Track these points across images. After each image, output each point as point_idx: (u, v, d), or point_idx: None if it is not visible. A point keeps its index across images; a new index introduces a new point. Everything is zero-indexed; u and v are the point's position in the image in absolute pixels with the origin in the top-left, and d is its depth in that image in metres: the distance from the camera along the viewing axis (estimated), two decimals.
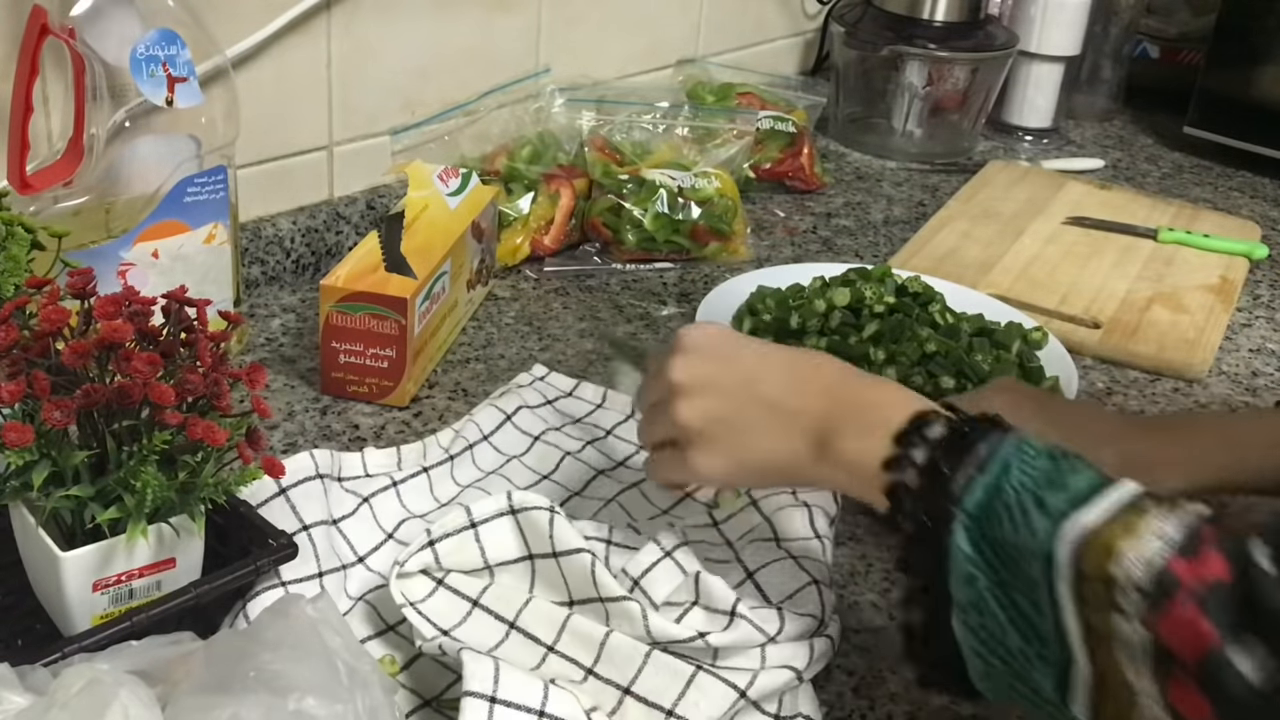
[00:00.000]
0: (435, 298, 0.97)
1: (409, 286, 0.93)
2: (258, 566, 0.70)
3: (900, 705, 0.73)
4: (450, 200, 1.05)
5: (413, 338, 0.93)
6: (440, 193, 1.05)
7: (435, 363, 1.01)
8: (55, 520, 0.65)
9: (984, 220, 1.37)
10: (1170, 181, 1.57)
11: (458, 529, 0.72)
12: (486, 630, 0.70)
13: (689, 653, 0.68)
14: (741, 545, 0.78)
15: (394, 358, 0.93)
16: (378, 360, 0.93)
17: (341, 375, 0.94)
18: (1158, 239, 1.34)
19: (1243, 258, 1.33)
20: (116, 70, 0.86)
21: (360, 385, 0.94)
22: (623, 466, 0.89)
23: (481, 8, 1.23)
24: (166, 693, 0.56)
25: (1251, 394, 1.09)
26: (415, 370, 0.95)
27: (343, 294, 0.92)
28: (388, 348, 0.93)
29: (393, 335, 0.92)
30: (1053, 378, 1.02)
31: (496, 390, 0.96)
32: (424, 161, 1.08)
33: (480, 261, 1.09)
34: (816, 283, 1.10)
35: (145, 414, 0.65)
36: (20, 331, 0.65)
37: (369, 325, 0.92)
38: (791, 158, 1.41)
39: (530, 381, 0.97)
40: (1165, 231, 1.35)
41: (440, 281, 0.98)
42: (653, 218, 1.19)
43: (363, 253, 0.96)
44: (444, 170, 1.07)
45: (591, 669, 0.67)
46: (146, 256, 0.90)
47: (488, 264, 1.11)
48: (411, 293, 0.92)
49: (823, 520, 0.79)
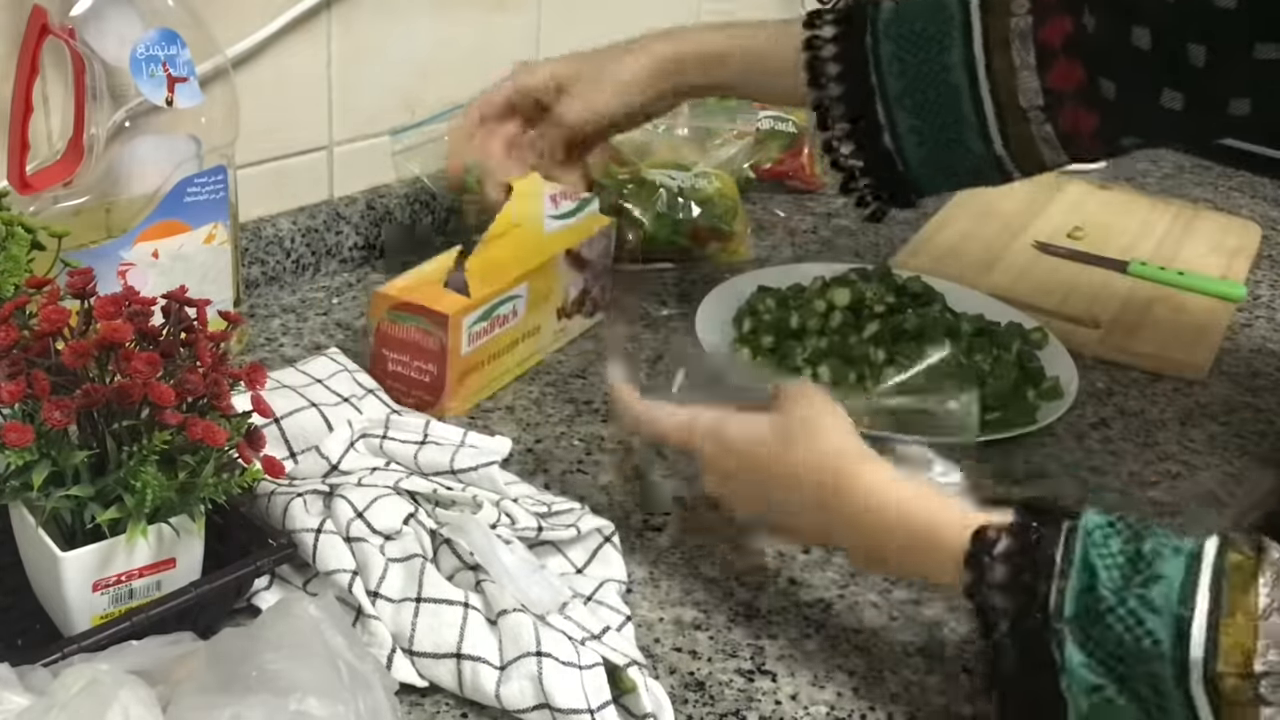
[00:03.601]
0: (500, 320, 0.96)
1: (458, 304, 0.92)
2: (258, 566, 0.70)
3: (900, 705, 0.73)
4: (551, 223, 1.03)
5: (457, 357, 0.92)
6: (542, 213, 1.03)
7: (501, 385, 0.99)
8: (55, 520, 0.65)
9: (984, 220, 1.37)
10: (1170, 181, 1.57)
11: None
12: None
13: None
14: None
15: (435, 373, 0.92)
16: (421, 374, 0.93)
17: (389, 383, 0.93)
18: (1127, 271, 1.26)
19: (1218, 300, 1.23)
20: (116, 70, 0.86)
21: (407, 395, 0.93)
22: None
23: (481, 8, 1.23)
24: (167, 693, 0.56)
25: (1252, 394, 1.09)
26: (463, 389, 0.94)
27: (393, 303, 0.92)
28: (430, 363, 0.92)
29: (435, 351, 0.91)
30: (1053, 378, 1.02)
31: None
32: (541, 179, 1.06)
33: (583, 292, 1.06)
34: (816, 283, 1.10)
35: (145, 414, 0.65)
36: (20, 331, 0.65)
37: (414, 338, 0.92)
38: (792, 158, 1.41)
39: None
40: (1137, 265, 1.27)
41: (510, 304, 0.97)
42: (653, 218, 1.19)
43: (434, 265, 0.96)
44: (560, 192, 1.05)
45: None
46: (146, 256, 0.90)
47: (594, 296, 1.08)
48: (458, 310, 0.91)
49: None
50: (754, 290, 1.11)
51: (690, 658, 0.75)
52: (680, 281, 1.19)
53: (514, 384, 1.00)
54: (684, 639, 0.76)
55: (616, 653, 0.70)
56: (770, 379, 0.86)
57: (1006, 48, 0.85)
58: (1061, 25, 0.83)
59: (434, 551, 0.75)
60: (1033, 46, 0.84)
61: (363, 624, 0.71)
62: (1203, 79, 0.80)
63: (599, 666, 0.69)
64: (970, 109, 0.88)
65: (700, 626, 0.77)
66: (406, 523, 0.74)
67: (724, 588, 0.80)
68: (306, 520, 0.74)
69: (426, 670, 0.70)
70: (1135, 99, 0.84)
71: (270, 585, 0.75)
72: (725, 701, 0.72)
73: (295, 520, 0.74)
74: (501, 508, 0.77)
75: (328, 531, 0.73)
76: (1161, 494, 0.94)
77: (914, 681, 0.74)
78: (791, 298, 1.08)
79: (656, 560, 0.82)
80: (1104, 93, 0.83)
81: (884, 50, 0.89)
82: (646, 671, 0.70)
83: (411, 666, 0.70)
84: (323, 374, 0.87)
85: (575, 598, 0.74)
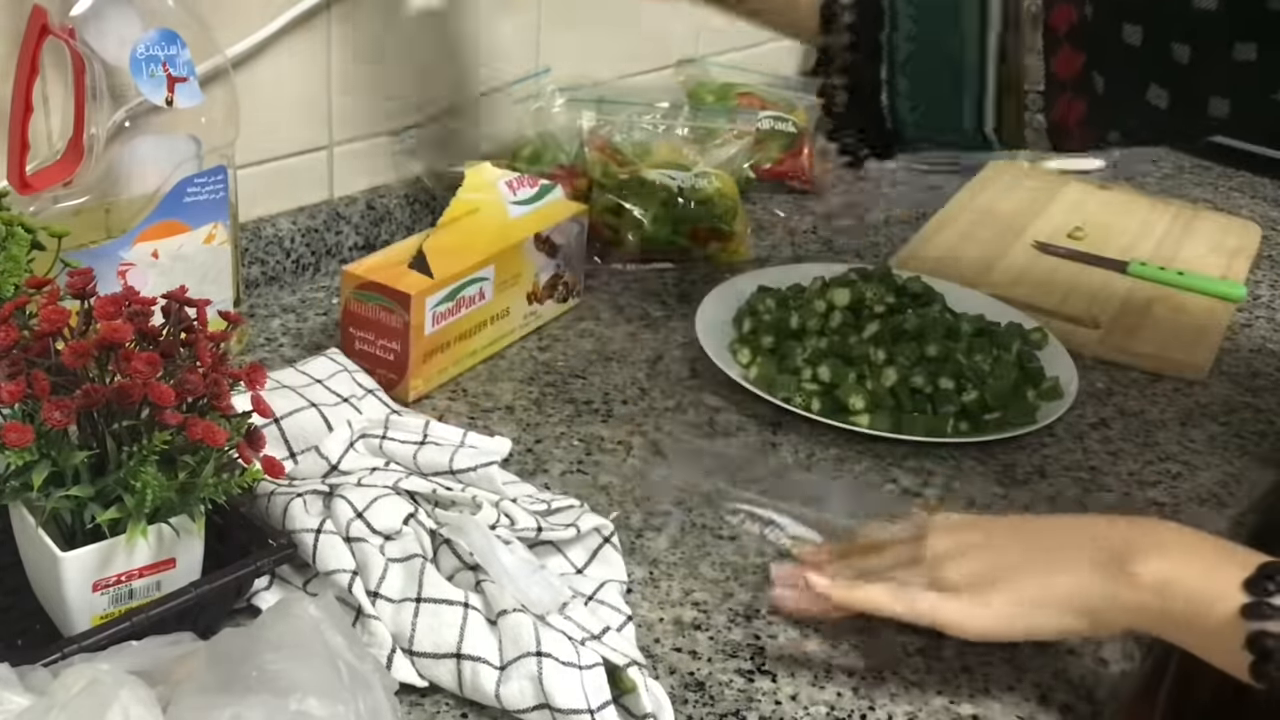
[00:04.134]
0: (467, 301, 0.98)
1: (421, 284, 0.93)
2: (258, 566, 0.70)
3: (900, 705, 0.73)
4: (513, 209, 1.05)
5: (421, 336, 0.94)
6: (502, 199, 1.05)
7: (465, 368, 1.01)
8: (55, 520, 0.65)
9: (984, 220, 1.37)
10: (1170, 182, 1.57)
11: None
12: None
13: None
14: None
15: (399, 352, 0.94)
16: (386, 352, 0.95)
17: (356, 361, 0.94)
18: (1127, 272, 1.27)
19: (1218, 300, 1.23)
20: (116, 70, 0.86)
21: (372, 373, 0.94)
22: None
23: (481, 8, 1.23)
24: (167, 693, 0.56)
25: (1252, 394, 1.09)
26: (426, 369, 0.96)
27: (359, 282, 0.94)
28: (394, 341, 0.94)
29: (398, 330, 0.93)
30: (1053, 378, 1.02)
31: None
32: (493, 166, 1.08)
33: (555, 276, 1.08)
34: (816, 283, 1.10)
35: (145, 414, 0.65)
36: (20, 331, 0.65)
37: (379, 316, 0.94)
38: (792, 158, 1.41)
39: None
40: (1137, 265, 1.26)
41: (477, 286, 0.98)
42: (653, 218, 1.19)
43: (401, 246, 0.98)
44: (516, 179, 1.07)
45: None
46: (146, 256, 0.90)
47: (567, 281, 1.10)
48: (420, 290, 0.93)
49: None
50: (754, 290, 1.11)
51: (690, 658, 0.75)
52: (680, 281, 1.19)
53: (514, 384, 1.00)
54: (684, 639, 0.76)
55: (616, 653, 0.70)
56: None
57: (1019, 28, 0.86)
58: (1067, 13, 0.84)
59: (434, 552, 0.75)
60: (1041, 30, 0.85)
61: (363, 624, 0.71)
62: (1186, 76, 0.82)
63: (599, 666, 0.69)
64: (973, 85, 0.89)
65: (700, 626, 0.77)
66: (406, 523, 0.74)
67: (724, 588, 0.80)
68: (306, 520, 0.74)
69: (426, 670, 0.70)
70: (1123, 93, 0.85)
71: (270, 585, 0.75)
72: (725, 701, 0.72)
73: (295, 520, 0.74)
74: (501, 508, 0.77)
75: (328, 531, 0.73)
76: (1161, 494, 0.94)
77: (914, 681, 0.74)
78: (791, 298, 1.08)
79: (656, 560, 0.82)
80: (1094, 85, 0.84)
81: (900, 10, 0.89)
82: (646, 671, 0.70)
83: (411, 666, 0.70)
84: (322, 374, 0.87)
85: (575, 598, 0.74)
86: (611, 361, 1.05)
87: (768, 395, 0.98)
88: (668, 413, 0.98)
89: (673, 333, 1.10)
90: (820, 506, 0.87)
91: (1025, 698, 0.74)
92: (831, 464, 0.94)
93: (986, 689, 0.74)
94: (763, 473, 0.91)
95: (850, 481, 0.92)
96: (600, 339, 1.08)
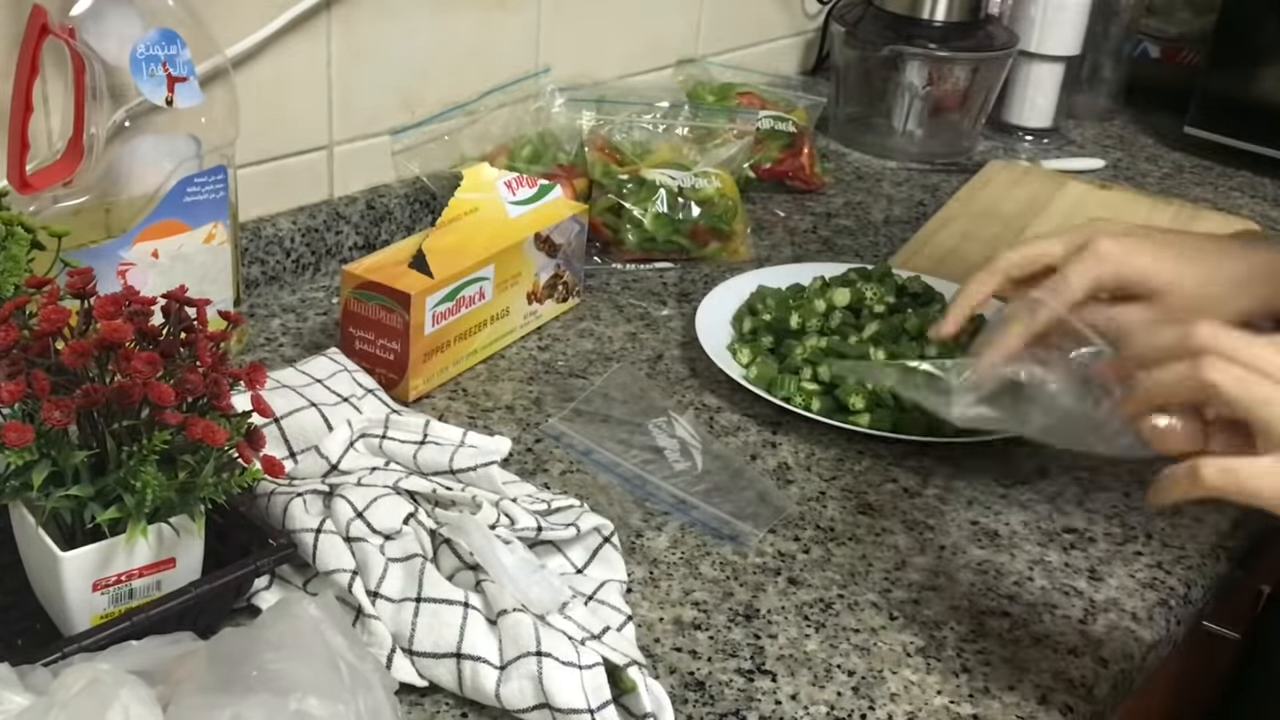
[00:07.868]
0: (466, 301, 0.98)
1: (421, 284, 0.93)
2: (258, 566, 0.70)
3: (900, 705, 0.73)
4: (512, 208, 1.05)
5: (421, 335, 0.94)
6: (501, 199, 1.05)
7: (465, 368, 1.01)
8: (55, 520, 0.65)
9: (984, 220, 1.37)
10: (1170, 181, 1.57)
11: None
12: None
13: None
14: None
15: (399, 351, 0.94)
16: (386, 352, 0.95)
17: (356, 361, 0.94)
18: None
19: None
20: (116, 70, 0.86)
21: (372, 373, 0.94)
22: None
23: (481, 8, 1.23)
24: (167, 693, 0.56)
25: None
26: (426, 368, 0.96)
27: (359, 282, 0.94)
28: (394, 341, 0.94)
29: (398, 329, 0.93)
30: None
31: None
32: (491, 167, 1.08)
33: (554, 276, 1.08)
34: (816, 283, 1.10)
35: (145, 414, 0.65)
36: (20, 331, 0.65)
37: (380, 316, 0.94)
38: (792, 158, 1.41)
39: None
40: None
41: (477, 286, 0.98)
42: (653, 218, 1.19)
43: (401, 246, 0.98)
44: (515, 178, 1.07)
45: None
46: (146, 256, 0.90)
47: (566, 280, 1.10)
48: (420, 290, 0.93)
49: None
50: (754, 290, 1.11)
51: (690, 658, 0.75)
52: (680, 281, 1.19)
53: (514, 384, 1.00)
54: (684, 639, 0.76)
55: (616, 652, 0.70)
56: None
57: None
58: None
59: (434, 551, 0.75)
60: None
61: (363, 624, 0.71)
62: None
63: (599, 666, 0.69)
64: None
65: (700, 626, 0.77)
66: (406, 522, 0.74)
67: (724, 588, 0.80)
68: (306, 520, 0.74)
69: (426, 670, 0.70)
70: None
71: (270, 585, 0.75)
72: (725, 701, 0.72)
73: (295, 520, 0.74)
74: (501, 508, 0.77)
75: (327, 531, 0.73)
76: None
77: (914, 681, 0.74)
78: (791, 298, 1.08)
79: (656, 560, 0.82)
80: None
81: None
82: (646, 671, 0.70)
83: (411, 666, 0.70)
84: (322, 374, 0.87)
85: (575, 597, 0.74)
86: (611, 361, 1.05)
87: (768, 395, 0.98)
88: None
89: (672, 333, 1.10)
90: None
91: (1025, 698, 0.74)
92: (831, 464, 0.94)
93: (986, 689, 0.74)
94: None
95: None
96: (600, 339, 1.08)
